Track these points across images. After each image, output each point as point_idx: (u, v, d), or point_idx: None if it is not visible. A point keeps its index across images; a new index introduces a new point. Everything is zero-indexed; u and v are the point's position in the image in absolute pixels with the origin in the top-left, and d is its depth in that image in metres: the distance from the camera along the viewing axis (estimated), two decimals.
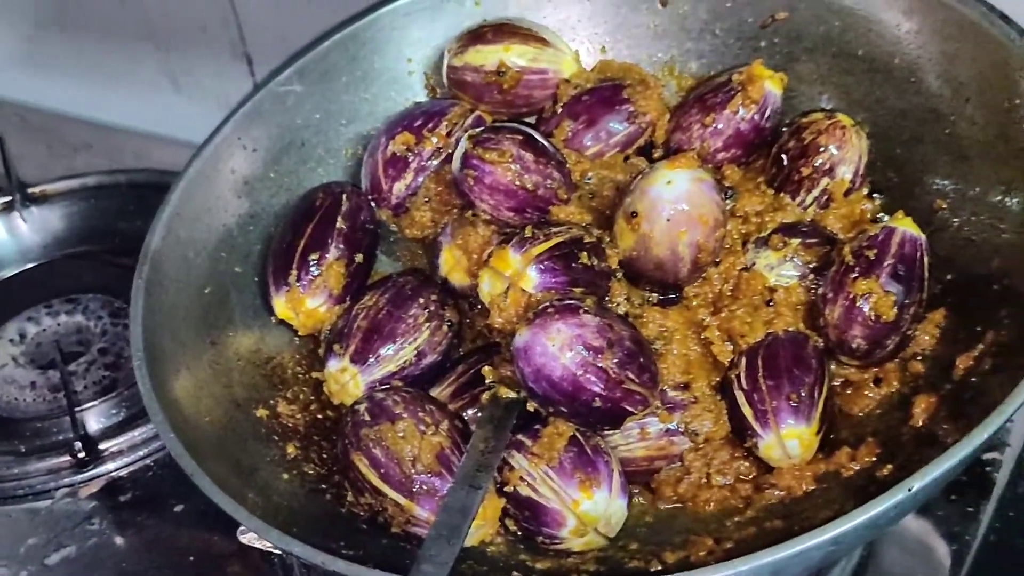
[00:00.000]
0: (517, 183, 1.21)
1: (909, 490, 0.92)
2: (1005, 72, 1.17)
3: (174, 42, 2.09)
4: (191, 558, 1.41)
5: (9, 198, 1.90)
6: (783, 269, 1.22)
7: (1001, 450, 1.31)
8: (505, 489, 1.12)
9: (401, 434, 1.13)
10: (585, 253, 1.18)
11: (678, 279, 1.21)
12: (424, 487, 1.11)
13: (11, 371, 1.68)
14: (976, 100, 1.21)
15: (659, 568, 1.08)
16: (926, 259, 1.16)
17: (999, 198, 1.17)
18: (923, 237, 1.16)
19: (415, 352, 1.24)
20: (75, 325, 1.73)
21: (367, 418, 1.16)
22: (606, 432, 1.15)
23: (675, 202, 1.16)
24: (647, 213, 1.16)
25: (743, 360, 1.17)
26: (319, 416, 1.26)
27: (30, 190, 1.91)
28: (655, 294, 1.24)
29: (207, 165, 1.34)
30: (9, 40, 2.27)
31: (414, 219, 1.34)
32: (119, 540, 1.46)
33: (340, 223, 1.31)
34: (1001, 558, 1.27)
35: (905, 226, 1.17)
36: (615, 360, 1.09)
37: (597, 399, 1.09)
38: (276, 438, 1.22)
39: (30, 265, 1.87)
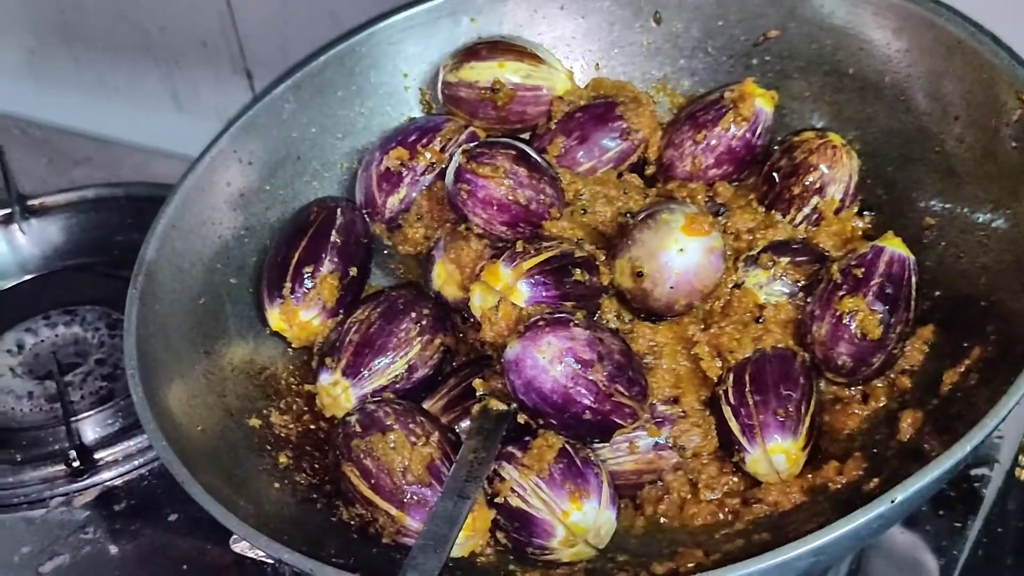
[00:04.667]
0: (510, 197, 1.22)
1: (892, 501, 0.93)
2: (993, 91, 1.18)
3: (174, 57, 2.10)
4: (184, 567, 1.42)
5: (8, 210, 1.91)
6: (773, 287, 1.23)
7: (990, 465, 1.32)
8: (495, 500, 1.12)
9: (392, 445, 1.14)
10: (578, 269, 1.19)
11: (667, 316, 1.23)
12: (415, 497, 1.12)
13: (8, 381, 1.69)
14: (964, 119, 1.22)
15: None
16: (914, 279, 1.17)
17: (986, 217, 1.18)
18: (912, 257, 1.17)
19: (406, 366, 1.25)
20: (72, 336, 1.74)
21: (358, 429, 1.17)
22: (595, 445, 1.16)
23: (683, 273, 1.17)
24: (652, 275, 1.18)
25: (731, 376, 1.18)
26: (312, 427, 1.27)
27: (29, 202, 1.92)
28: None
29: (202, 177, 1.34)
30: (11, 53, 2.29)
31: (407, 236, 1.35)
32: (113, 549, 1.46)
33: (335, 236, 1.32)
34: (988, 574, 1.28)
35: (894, 246, 1.17)
36: (605, 373, 1.10)
37: (587, 411, 1.10)
38: (268, 448, 1.23)
39: (28, 277, 1.88)
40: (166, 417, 1.15)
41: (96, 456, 1.54)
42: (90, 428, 1.57)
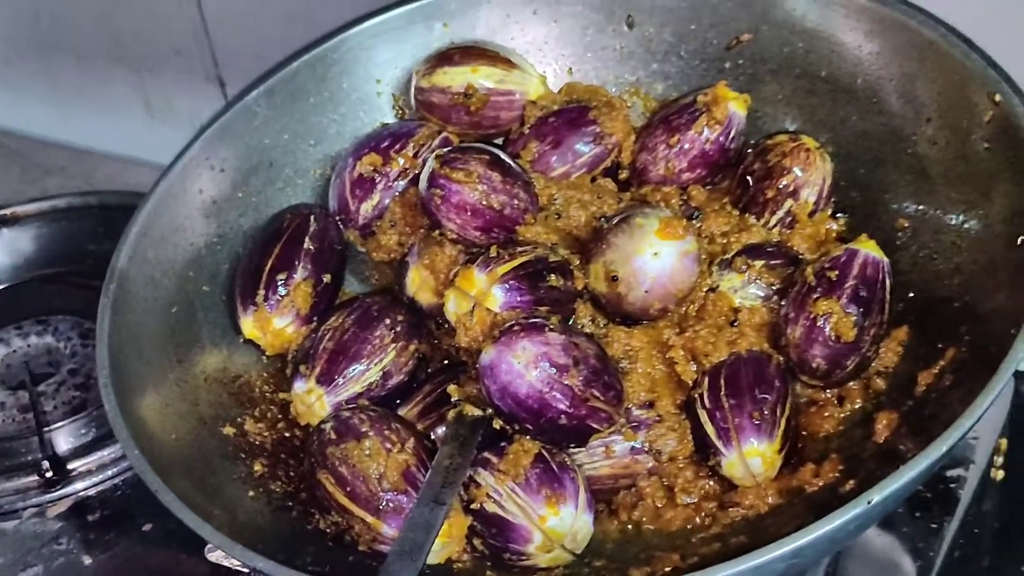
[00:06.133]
0: (484, 203, 1.22)
1: (868, 503, 0.93)
2: (964, 92, 1.19)
3: (147, 65, 2.09)
4: None
5: None
6: (747, 290, 1.23)
7: (966, 466, 1.32)
8: (472, 506, 1.12)
9: (367, 452, 1.13)
10: (552, 274, 1.19)
11: (642, 321, 1.23)
12: (390, 504, 1.11)
13: None
14: (936, 121, 1.22)
15: None
16: (888, 282, 1.17)
17: (959, 218, 1.19)
18: (886, 260, 1.17)
19: (381, 373, 1.25)
20: (45, 346, 1.73)
21: (333, 436, 1.16)
22: (571, 450, 1.16)
23: (658, 277, 1.17)
24: (627, 279, 1.17)
25: (706, 379, 1.18)
26: (286, 434, 1.26)
27: (1, 212, 1.90)
28: None
29: (174, 185, 1.34)
30: None
31: (380, 242, 1.34)
32: (87, 559, 1.45)
33: (308, 244, 1.32)
34: (964, 575, 1.28)
35: (868, 248, 1.17)
36: (581, 378, 1.10)
37: (563, 416, 1.10)
38: (243, 456, 1.22)
39: (0, 287, 1.87)
40: (139, 426, 1.15)
41: (69, 467, 1.53)
42: (63, 438, 1.56)
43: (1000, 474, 1.36)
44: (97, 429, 1.56)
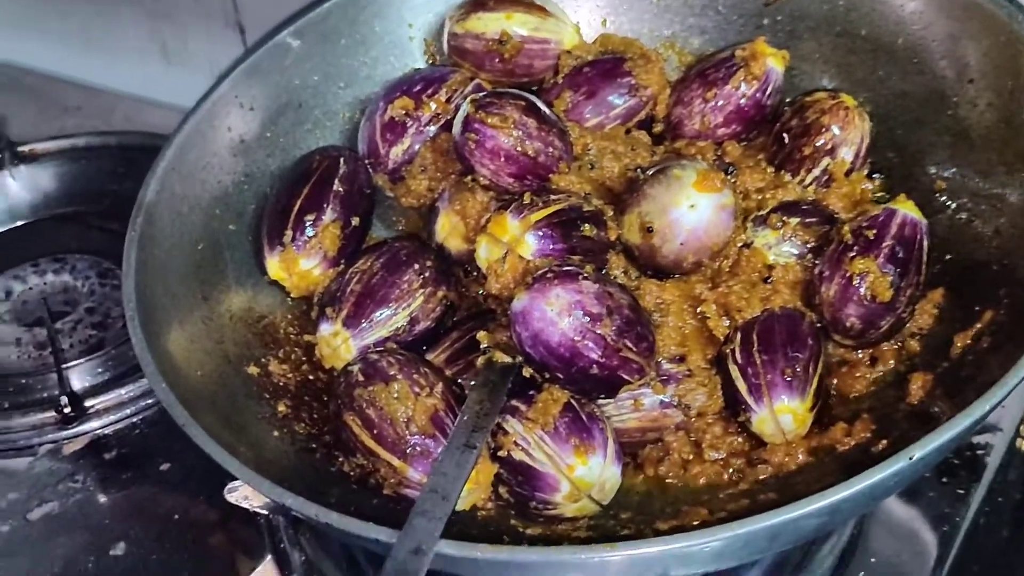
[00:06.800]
0: (518, 149, 1.20)
1: (910, 458, 0.92)
2: (1009, 53, 1.18)
3: (166, 9, 2.07)
4: (175, 517, 1.40)
5: None
6: (782, 247, 1.22)
7: (994, 433, 1.31)
8: (499, 454, 1.11)
9: (395, 395, 1.12)
10: (586, 223, 1.17)
11: (675, 274, 1.21)
12: (418, 448, 1.10)
13: None
14: (979, 82, 1.21)
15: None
16: (926, 243, 1.16)
17: (1000, 180, 1.18)
18: (924, 221, 1.16)
19: (408, 318, 1.24)
20: (62, 284, 1.71)
21: (361, 378, 1.15)
22: (600, 402, 1.15)
23: (694, 230, 1.16)
24: (662, 231, 1.16)
25: (738, 335, 1.17)
26: (310, 376, 1.26)
27: (20, 148, 1.89)
28: None
29: (203, 122, 1.33)
30: (1, 1, 2.26)
31: (410, 187, 1.33)
32: (102, 498, 1.44)
33: (337, 186, 1.30)
34: (989, 542, 1.28)
35: (907, 209, 1.16)
36: (614, 328, 1.08)
37: (594, 366, 1.09)
38: (267, 396, 1.21)
39: (18, 223, 1.86)
40: (165, 360, 1.14)
41: (86, 404, 1.52)
42: (79, 377, 1.55)
43: None
44: (114, 368, 1.55)
